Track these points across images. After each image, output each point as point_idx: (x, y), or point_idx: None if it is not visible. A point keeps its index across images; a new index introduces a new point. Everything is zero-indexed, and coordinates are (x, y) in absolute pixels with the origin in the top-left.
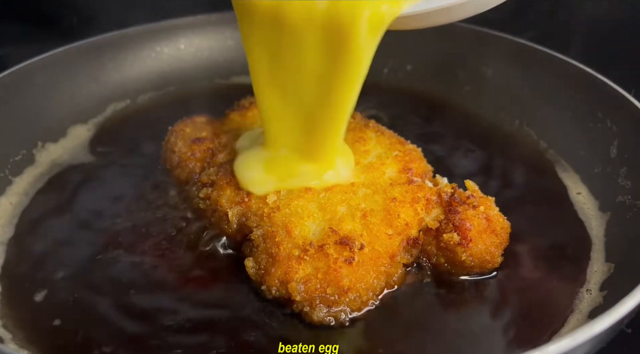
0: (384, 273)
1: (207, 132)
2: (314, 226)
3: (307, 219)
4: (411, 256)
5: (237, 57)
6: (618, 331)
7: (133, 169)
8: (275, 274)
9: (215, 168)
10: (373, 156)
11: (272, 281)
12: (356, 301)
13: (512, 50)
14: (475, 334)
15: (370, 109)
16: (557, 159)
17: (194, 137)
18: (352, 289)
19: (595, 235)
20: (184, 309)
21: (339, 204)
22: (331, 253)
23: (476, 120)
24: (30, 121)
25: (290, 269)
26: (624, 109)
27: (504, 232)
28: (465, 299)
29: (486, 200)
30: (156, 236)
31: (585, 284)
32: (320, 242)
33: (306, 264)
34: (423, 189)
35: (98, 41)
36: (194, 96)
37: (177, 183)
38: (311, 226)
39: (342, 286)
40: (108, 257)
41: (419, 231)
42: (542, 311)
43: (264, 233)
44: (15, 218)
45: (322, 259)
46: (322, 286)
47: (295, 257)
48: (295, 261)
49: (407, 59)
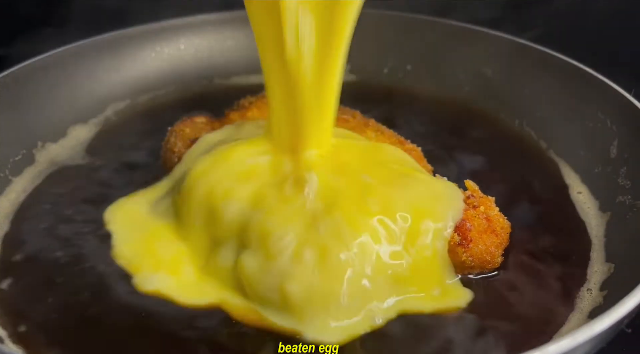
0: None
1: (206, 132)
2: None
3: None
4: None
5: (237, 57)
6: (618, 331)
7: (133, 169)
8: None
9: None
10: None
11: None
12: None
13: (512, 50)
14: (475, 334)
15: (370, 108)
16: (557, 159)
17: (194, 138)
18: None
19: (595, 235)
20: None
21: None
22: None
23: (476, 120)
24: (30, 121)
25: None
26: (624, 109)
27: (504, 233)
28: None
29: (486, 200)
30: None
31: (586, 283)
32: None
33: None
34: None
35: (98, 41)
36: (194, 96)
37: None
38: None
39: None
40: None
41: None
42: (542, 310)
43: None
44: (11, 215)
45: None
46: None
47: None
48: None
49: (407, 59)
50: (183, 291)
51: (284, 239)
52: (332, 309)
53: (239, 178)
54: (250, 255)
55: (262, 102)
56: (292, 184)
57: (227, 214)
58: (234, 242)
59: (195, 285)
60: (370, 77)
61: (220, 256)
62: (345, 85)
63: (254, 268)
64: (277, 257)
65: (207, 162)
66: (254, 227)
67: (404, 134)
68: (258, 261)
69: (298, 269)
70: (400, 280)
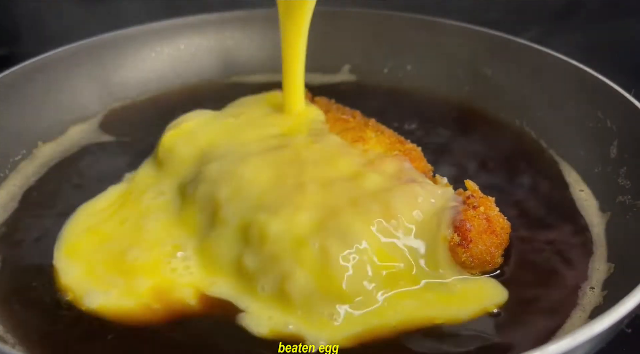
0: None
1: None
2: (312, 221)
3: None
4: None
5: (237, 57)
6: (618, 331)
7: (132, 169)
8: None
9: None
10: (373, 154)
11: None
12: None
13: (512, 50)
14: (476, 334)
15: (370, 108)
16: (557, 159)
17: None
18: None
19: (596, 235)
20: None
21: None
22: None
23: (476, 120)
24: (30, 121)
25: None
26: (624, 109)
27: (504, 233)
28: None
29: (486, 200)
30: None
31: (587, 282)
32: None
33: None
34: (423, 188)
35: (98, 41)
36: (193, 96)
37: None
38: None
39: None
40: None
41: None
42: (543, 309)
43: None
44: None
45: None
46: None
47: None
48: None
49: (407, 59)
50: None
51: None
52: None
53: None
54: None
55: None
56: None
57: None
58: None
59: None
60: (370, 77)
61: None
62: (346, 85)
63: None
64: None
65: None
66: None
67: (403, 134)
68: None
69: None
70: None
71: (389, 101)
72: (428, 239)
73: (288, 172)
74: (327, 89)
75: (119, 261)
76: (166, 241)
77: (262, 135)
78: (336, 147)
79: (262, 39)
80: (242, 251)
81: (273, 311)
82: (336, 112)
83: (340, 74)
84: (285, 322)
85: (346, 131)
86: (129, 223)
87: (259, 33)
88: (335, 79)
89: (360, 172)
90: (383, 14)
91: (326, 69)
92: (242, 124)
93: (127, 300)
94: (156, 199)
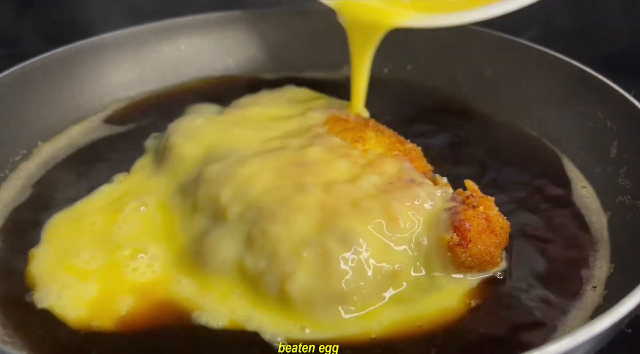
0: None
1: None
2: (313, 223)
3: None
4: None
5: (237, 57)
6: (618, 331)
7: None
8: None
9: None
10: (373, 155)
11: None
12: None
13: (512, 50)
14: (476, 333)
15: (370, 108)
16: (558, 159)
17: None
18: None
19: (597, 234)
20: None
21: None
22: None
23: (476, 120)
24: (30, 121)
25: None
26: (624, 109)
27: (503, 233)
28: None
29: (486, 200)
30: None
31: (588, 282)
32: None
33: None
34: (423, 188)
35: (98, 41)
36: (193, 96)
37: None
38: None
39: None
40: None
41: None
42: (543, 309)
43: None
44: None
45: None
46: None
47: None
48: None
49: (407, 59)
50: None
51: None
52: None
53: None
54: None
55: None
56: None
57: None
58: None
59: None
60: (370, 76)
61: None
62: (346, 85)
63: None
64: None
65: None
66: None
67: (403, 133)
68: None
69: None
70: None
71: (388, 101)
72: (428, 240)
73: (288, 174)
74: (328, 87)
75: (77, 262)
76: (131, 244)
77: (263, 136)
78: (336, 148)
79: (263, 38)
80: (244, 253)
81: (277, 314)
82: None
83: (340, 74)
84: (288, 324)
85: (346, 131)
86: (102, 225)
87: (259, 33)
88: (336, 79)
89: (360, 173)
90: None
91: (326, 67)
92: (243, 125)
93: (77, 302)
94: (140, 205)
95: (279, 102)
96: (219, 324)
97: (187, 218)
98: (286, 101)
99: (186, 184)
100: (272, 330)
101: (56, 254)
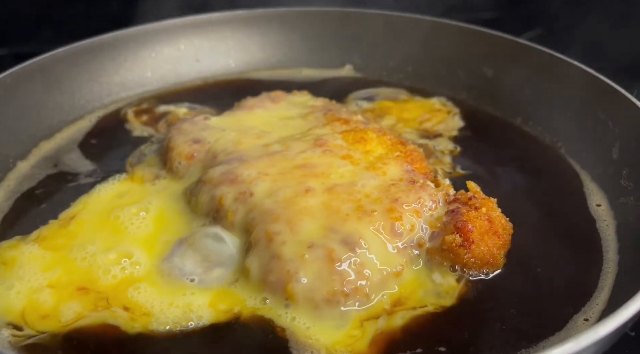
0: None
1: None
2: (315, 225)
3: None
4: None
5: (237, 57)
6: (622, 334)
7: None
8: (277, 273)
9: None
10: (374, 156)
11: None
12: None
13: (512, 50)
14: (477, 333)
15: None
16: (558, 159)
17: (194, 136)
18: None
19: (602, 236)
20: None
21: (342, 203)
22: (335, 254)
23: (476, 120)
24: (30, 121)
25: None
26: (625, 110)
27: (506, 234)
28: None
29: (488, 201)
30: None
31: (592, 283)
32: (322, 242)
33: (308, 264)
34: (425, 189)
35: (98, 41)
36: (193, 96)
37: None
38: (313, 225)
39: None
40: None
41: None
42: (547, 312)
43: (266, 231)
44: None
45: (324, 259)
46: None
47: (297, 257)
48: (298, 261)
49: (407, 59)
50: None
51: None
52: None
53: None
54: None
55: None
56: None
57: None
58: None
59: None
60: (370, 77)
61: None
62: (346, 85)
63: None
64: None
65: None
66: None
67: (404, 134)
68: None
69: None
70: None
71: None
72: (430, 241)
73: (290, 175)
74: (328, 88)
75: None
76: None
77: (265, 138)
78: (338, 149)
79: (263, 38)
80: (246, 255)
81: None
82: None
83: (340, 74)
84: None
85: (347, 132)
86: (100, 226)
87: (260, 33)
88: (336, 79)
89: (362, 174)
90: (383, 15)
91: (327, 67)
92: (245, 127)
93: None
94: (140, 209)
95: (281, 104)
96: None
97: (189, 220)
98: (287, 102)
99: (188, 186)
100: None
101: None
